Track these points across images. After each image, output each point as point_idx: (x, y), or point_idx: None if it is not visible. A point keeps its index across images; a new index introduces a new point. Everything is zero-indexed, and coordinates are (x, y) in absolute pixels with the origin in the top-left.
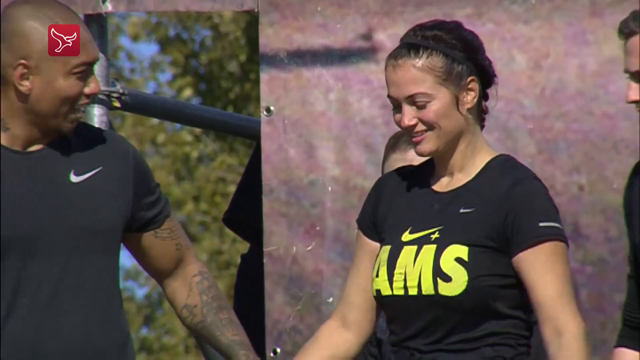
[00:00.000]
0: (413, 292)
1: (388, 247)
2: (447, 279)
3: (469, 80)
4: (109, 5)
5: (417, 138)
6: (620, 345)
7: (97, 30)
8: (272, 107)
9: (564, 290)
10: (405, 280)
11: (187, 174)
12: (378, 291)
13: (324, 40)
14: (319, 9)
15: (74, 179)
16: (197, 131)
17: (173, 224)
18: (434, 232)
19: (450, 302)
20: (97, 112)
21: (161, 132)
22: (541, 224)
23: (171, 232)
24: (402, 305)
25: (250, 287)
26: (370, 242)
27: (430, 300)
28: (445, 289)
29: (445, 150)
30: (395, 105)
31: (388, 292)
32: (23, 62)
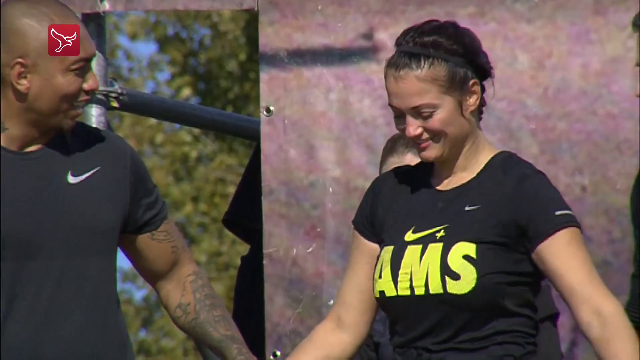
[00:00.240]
0: (420, 291)
1: (390, 247)
2: (456, 277)
3: (471, 83)
4: (106, 4)
5: (423, 145)
6: None
7: (95, 29)
8: (272, 107)
9: (591, 272)
10: (412, 280)
11: (185, 174)
12: (382, 292)
13: (324, 39)
14: (320, 7)
15: (71, 179)
16: (196, 131)
17: (170, 226)
18: (439, 230)
19: (459, 300)
20: (95, 112)
21: (160, 132)
22: (557, 213)
23: (168, 235)
24: (408, 305)
25: (250, 289)
26: (368, 242)
27: (438, 299)
28: (454, 287)
29: (449, 154)
30: (398, 114)
31: (393, 293)
32: (20, 60)
